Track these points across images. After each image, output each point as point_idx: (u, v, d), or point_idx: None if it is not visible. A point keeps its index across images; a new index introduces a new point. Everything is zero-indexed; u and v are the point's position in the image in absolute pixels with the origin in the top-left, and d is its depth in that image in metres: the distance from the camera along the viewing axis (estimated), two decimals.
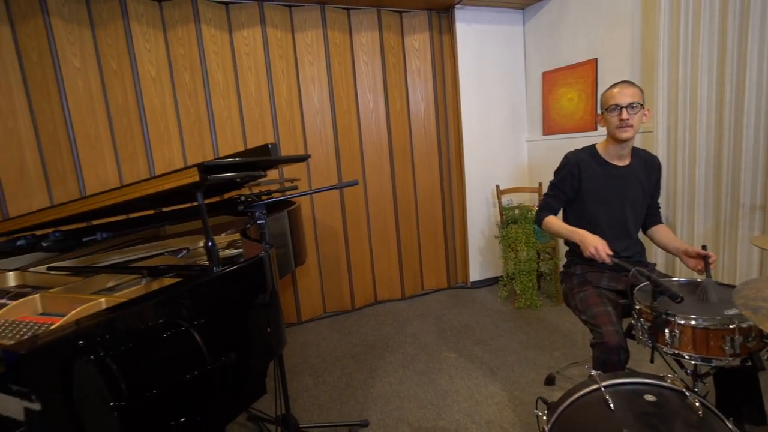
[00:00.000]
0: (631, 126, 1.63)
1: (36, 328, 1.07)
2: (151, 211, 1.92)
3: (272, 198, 1.53)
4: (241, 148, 3.00)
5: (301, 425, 1.97)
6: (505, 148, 3.74)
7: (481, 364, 2.49)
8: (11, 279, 1.51)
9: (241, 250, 1.78)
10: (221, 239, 2.00)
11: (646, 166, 1.80)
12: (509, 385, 2.26)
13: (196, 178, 1.01)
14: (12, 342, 0.96)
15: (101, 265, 1.59)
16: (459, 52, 3.45)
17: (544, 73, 3.50)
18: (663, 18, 2.42)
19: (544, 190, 3.44)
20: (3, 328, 1.07)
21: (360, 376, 2.47)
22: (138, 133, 2.76)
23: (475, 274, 3.77)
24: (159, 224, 1.85)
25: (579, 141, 2.99)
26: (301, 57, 3.11)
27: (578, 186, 1.78)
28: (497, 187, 3.57)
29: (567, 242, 1.84)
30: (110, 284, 1.39)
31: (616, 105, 1.63)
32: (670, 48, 2.43)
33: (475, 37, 3.49)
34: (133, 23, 2.67)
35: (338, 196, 3.33)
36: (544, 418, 1.32)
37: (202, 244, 1.95)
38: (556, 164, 1.86)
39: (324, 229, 3.33)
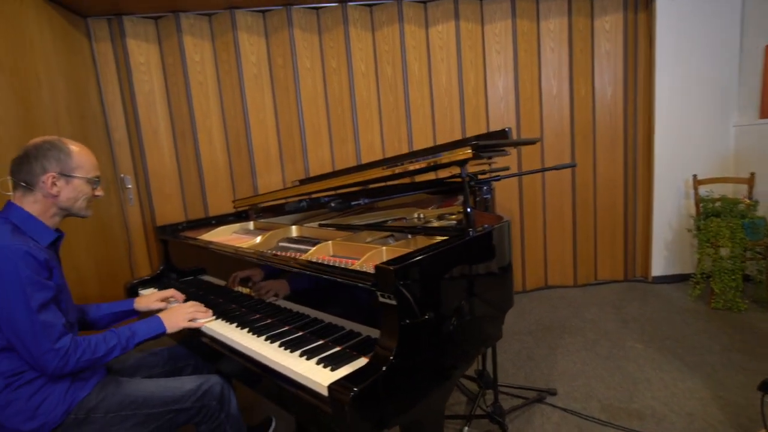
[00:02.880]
0: None
1: (337, 264, 1.46)
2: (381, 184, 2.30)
3: (498, 176, 1.75)
4: (431, 134, 3.32)
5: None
6: (704, 134, 3.38)
7: (673, 359, 2.39)
8: (293, 231, 2.02)
9: (453, 222, 2.04)
10: (431, 212, 2.31)
11: None
12: (712, 383, 2.14)
13: (470, 155, 1.27)
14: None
15: (360, 224, 2.00)
16: (657, 30, 3.22)
17: (767, 46, 3.06)
18: None
19: (758, 180, 3.06)
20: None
21: (540, 351, 2.59)
22: (348, 120, 3.26)
23: (658, 268, 3.53)
24: (399, 194, 2.21)
25: None
26: (488, 47, 3.27)
27: None
28: (694, 176, 3.26)
29: None
30: (368, 240, 1.77)
31: None
32: None
33: (677, 11, 3.21)
34: (350, 27, 3.15)
35: (516, 181, 3.44)
36: None
37: (416, 215, 2.28)
38: None
39: (501, 211, 3.45)
